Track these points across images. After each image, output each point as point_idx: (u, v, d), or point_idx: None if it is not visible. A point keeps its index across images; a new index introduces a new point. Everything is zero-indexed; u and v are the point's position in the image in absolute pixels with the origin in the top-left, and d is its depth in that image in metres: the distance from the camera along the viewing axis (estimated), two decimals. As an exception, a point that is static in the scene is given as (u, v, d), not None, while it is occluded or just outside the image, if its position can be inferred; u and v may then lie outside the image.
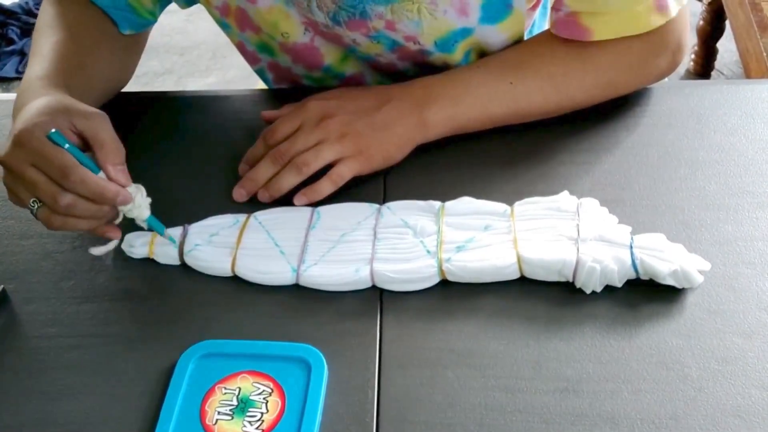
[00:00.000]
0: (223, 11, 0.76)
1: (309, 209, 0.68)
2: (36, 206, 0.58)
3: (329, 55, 0.79)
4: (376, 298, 0.61)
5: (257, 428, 0.52)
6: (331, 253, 0.63)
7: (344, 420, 0.53)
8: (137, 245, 0.65)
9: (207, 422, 0.53)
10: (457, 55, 0.77)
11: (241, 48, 0.83)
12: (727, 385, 0.54)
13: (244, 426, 0.52)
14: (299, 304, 0.61)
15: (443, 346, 0.58)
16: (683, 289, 0.60)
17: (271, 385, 0.55)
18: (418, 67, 0.80)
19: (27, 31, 2.40)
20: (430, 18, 0.71)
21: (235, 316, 0.61)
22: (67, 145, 0.57)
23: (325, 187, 0.67)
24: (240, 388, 0.55)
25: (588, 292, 0.60)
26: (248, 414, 0.53)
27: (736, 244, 0.63)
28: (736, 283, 0.61)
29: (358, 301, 0.61)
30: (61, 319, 0.61)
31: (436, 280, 0.62)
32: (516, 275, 0.61)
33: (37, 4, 2.49)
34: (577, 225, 0.62)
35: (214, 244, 0.65)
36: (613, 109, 0.75)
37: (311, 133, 0.67)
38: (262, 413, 0.53)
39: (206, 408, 0.54)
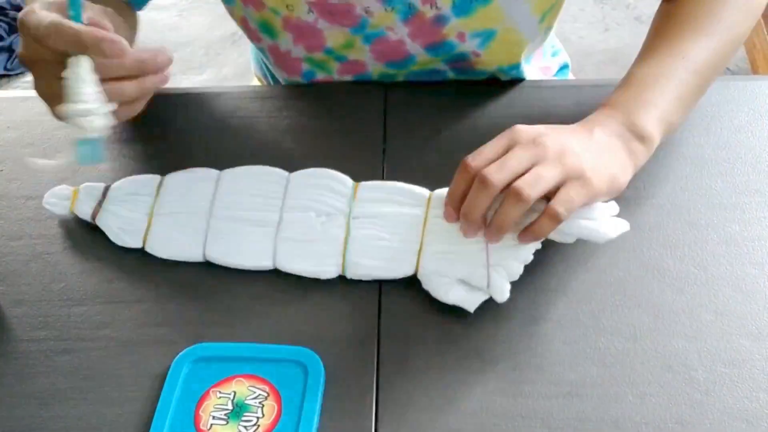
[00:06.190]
0: None
1: (215, 172, 0.67)
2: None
3: (332, 38, 0.77)
4: (374, 300, 0.60)
5: (253, 434, 0.51)
6: (237, 234, 0.63)
7: (342, 424, 0.53)
8: (59, 200, 0.66)
9: (201, 427, 0.52)
10: (474, 22, 0.74)
11: (244, 24, 0.81)
12: (735, 388, 0.54)
13: (240, 431, 0.52)
14: (296, 306, 0.60)
15: (443, 349, 0.57)
16: (688, 290, 0.59)
17: (267, 389, 0.54)
18: (429, 51, 0.78)
19: (16, 27, 2.38)
20: None
21: (229, 319, 0.60)
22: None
23: (547, 226, 0.56)
24: (235, 392, 0.54)
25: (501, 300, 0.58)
26: (244, 418, 0.52)
27: (744, 244, 0.63)
28: (743, 283, 0.60)
29: (357, 302, 0.60)
30: (52, 323, 0.60)
31: (334, 275, 0.62)
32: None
33: (27, -1, 2.47)
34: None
35: (130, 210, 0.65)
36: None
37: (524, 152, 0.56)
38: (257, 418, 0.52)
39: (200, 413, 0.53)
